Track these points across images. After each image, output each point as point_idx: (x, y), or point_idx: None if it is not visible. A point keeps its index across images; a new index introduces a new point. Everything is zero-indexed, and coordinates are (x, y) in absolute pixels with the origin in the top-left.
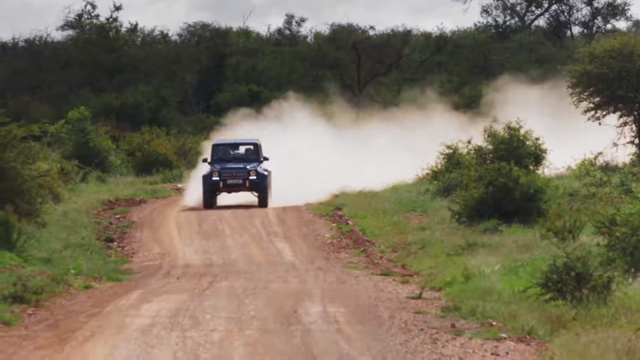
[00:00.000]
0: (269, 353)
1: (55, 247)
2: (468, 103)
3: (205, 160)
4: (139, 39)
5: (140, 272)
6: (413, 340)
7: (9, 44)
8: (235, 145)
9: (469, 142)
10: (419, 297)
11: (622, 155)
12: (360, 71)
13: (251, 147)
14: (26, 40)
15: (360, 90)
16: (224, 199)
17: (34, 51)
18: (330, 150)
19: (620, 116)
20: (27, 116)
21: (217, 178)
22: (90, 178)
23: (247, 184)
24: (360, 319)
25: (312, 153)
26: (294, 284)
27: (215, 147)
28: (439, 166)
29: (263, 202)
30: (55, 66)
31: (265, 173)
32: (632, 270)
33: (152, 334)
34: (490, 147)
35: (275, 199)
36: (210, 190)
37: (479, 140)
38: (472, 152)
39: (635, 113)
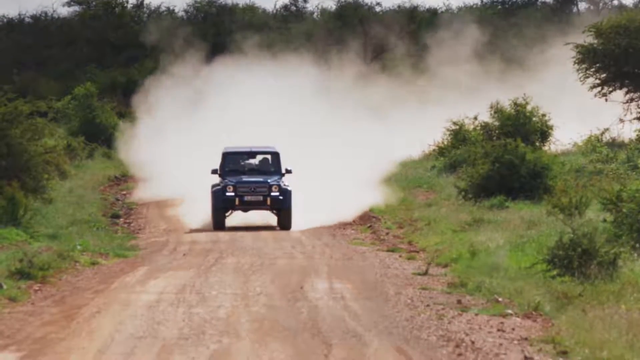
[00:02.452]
0: (276, 329)
1: (61, 224)
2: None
3: (214, 172)
4: (145, 15)
5: (147, 248)
6: (419, 316)
7: (15, 20)
8: (251, 154)
9: (475, 118)
10: (425, 273)
11: (629, 131)
12: (367, 48)
13: (269, 156)
14: (32, 16)
15: (367, 66)
16: (232, 219)
17: (40, 27)
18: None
19: (627, 92)
20: (33, 92)
21: (232, 194)
22: (97, 154)
23: (268, 202)
24: (367, 295)
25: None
26: (300, 260)
27: (227, 156)
28: (445, 142)
29: (286, 224)
30: (62, 42)
31: (290, 189)
32: (639, 246)
33: (159, 310)
34: (496, 123)
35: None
36: (223, 208)
37: (486, 116)
38: (479, 128)
39: None
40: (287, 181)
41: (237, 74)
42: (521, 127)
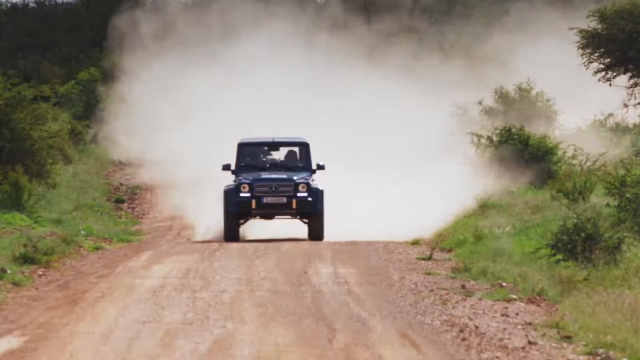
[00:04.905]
0: (280, 314)
1: (65, 208)
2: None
3: (227, 168)
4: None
5: (151, 233)
6: (423, 301)
7: (20, 5)
8: (274, 145)
9: (480, 102)
10: (429, 258)
11: (633, 116)
12: (371, 32)
13: (297, 148)
14: (36, 1)
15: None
16: (248, 228)
17: (45, 12)
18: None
19: (631, 77)
20: (37, 77)
21: (248, 194)
22: (101, 139)
23: (294, 205)
24: (371, 280)
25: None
26: (304, 244)
27: (243, 148)
28: None
29: (317, 234)
30: (66, 27)
31: (321, 188)
32: None
33: (163, 295)
34: (501, 108)
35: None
36: (236, 214)
37: (490, 101)
38: (483, 113)
39: None
40: (318, 180)
41: (242, 63)
42: (525, 112)
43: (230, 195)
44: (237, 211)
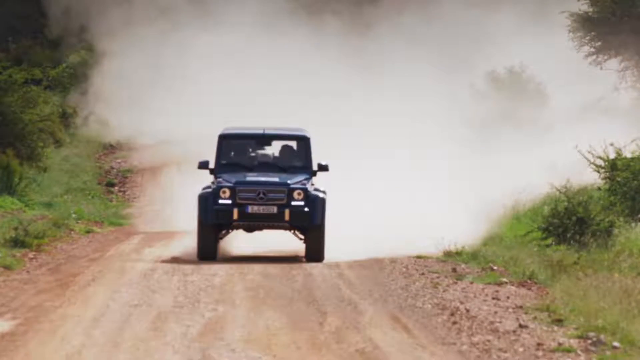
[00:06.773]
0: (270, 297)
1: (56, 192)
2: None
3: (204, 166)
4: None
5: (142, 216)
6: (414, 284)
7: None
8: (265, 139)
9: (471, 86)
10: None
11: (625, 99)
12: (364, 19)
13: (294, 143)
14: None
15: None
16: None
17: None
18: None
19: (622, 61)
20: (28, 61)
21: (229, 201)
22: (92, 122)
23: (286, 216)
24: (362, 263)
25: None
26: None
27: (226, 142)
28: None
29: (315, 252)
30: (57, 10)
31: (322, 196)
32: (636, 215)
33: (154, 279)
34: (492, 91)
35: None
36: (214, 225)
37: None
38: (475, 96)
39: (637, 57)
40: (319, 184)
41: (227, 44)
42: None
43: (207, 201)
44: (214, 222)
